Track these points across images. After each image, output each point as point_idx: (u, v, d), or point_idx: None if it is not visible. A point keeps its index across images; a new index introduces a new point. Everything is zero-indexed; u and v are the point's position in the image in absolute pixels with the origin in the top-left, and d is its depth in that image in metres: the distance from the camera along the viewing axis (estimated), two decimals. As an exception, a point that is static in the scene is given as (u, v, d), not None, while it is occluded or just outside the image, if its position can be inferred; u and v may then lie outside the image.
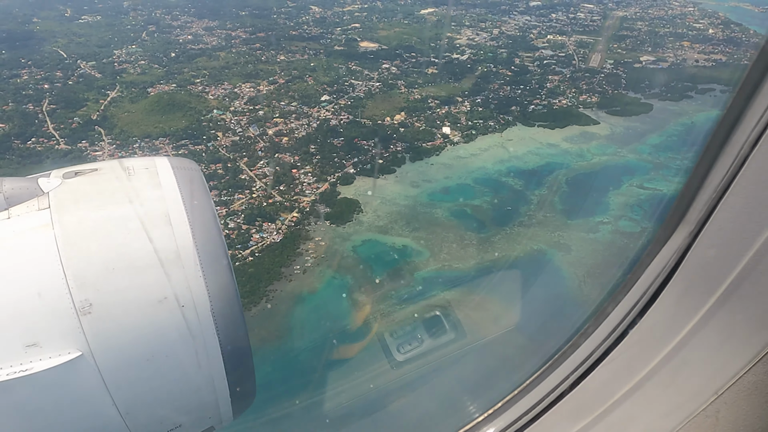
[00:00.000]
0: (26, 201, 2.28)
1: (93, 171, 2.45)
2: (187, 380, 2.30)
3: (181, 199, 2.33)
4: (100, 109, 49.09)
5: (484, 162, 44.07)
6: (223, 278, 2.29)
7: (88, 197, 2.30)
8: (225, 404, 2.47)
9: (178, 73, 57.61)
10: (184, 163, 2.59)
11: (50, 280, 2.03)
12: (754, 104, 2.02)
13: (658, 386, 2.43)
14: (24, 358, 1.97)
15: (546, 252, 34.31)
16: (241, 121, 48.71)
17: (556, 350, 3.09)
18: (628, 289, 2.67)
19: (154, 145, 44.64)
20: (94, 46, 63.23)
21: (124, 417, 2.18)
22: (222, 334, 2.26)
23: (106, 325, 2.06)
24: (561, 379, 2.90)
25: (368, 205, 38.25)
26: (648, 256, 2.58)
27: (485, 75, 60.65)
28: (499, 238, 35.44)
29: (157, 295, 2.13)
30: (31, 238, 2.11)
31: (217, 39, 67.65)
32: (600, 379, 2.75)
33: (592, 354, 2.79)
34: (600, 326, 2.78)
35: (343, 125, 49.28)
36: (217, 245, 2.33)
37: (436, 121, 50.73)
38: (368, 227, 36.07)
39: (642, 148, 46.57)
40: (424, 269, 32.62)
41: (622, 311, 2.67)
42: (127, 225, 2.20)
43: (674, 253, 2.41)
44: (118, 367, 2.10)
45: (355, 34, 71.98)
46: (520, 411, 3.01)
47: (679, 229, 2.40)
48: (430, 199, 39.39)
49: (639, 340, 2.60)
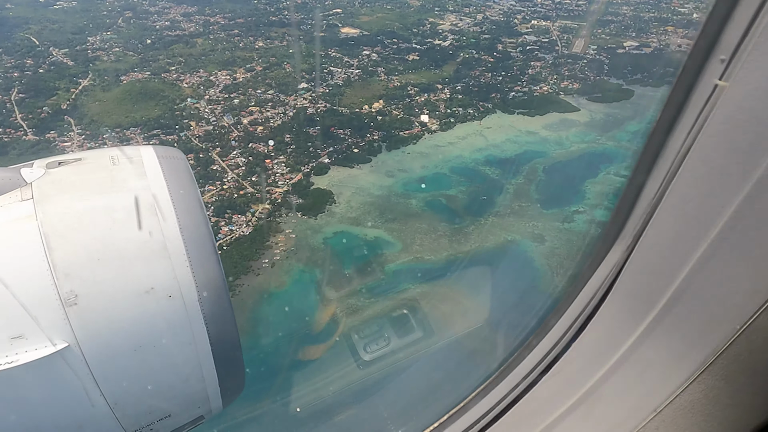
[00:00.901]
0: (8, 192, 2.25)
1: (77, 161, 2.42)
2: (176, 370, 2.28)
3: (167, 188, 2.31)
4: (70, 98, 47.91)
5: (462, 150, 43.50)
6: (210, 268, 2.28)
7: (72, 187, 2.27)
8: (214, 394, 2.45)
9: (153, 61, 56.30)
10: (169, 152, 2.56)
11: (35, 271, 2.01)
12: (685, 113, 2.03)
13: (599, 403, 2.42)
14: (9, 350, 1.95)
15: (519, 243, 33.94)
16: (215, 110, 47.74)
17: (501, 362, 3.08)
18: (569, 303, 2.66)
19: (125, 135, 43.68)
20: (68, 33, 61.58)
21: (112, 407, 2.17)
22: (210, 324, 2.24)
23: (93, 316, 2.04)
24: (506, 392, 2.87)
25: (341, 196, 37.65)
26: (588, 270, 2.57)
27: (467, 61, 59.76)
28: (472, 228, 35.01)
29: (144, 286, 2.11)
30: (14, 229, 2.09)
31: (195, 25, 66.06)
32: (543, 394, 2.73)
33: (536, 367, 2.78)
34: (543, 339, 2.79)
35: (320, 114, 48.44)
36: (204, 235, 2.31)
37: (415, 109, 49.99)
38: (340, 219, 35.53)
39: (621, 135, 46.13)
40: (395, 262, 32.18)
41: (564, 325, 2.67)
42: (112, 215, 2.18)
43: (612, 268, 2.40)
44: (105, 358, 2.08)
45: (336, 19, 70.56)
46: (465, 425, 2.97)
47: (617, 244, 2.39)
48: (405, 189, 38.85)
49: (579, 356, 2.59)
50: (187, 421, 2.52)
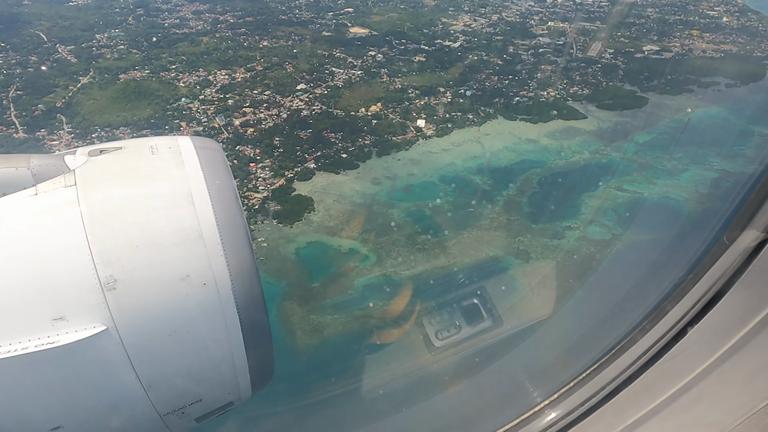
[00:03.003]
0: (53, 178, 2.33)
1: (117, 149, 2.51)
2: (208, 356, 2.33)
3: (203, 178, 2.37)
4: (67, 96, 47.88)
5: (455, 158, 41.56)
6: (243, 257, 2.32)
7: (113, 175, 2.35)
8: (244, 381, 2.49)
9: (156, 59, 56.05)
10: (206, 143, 2.68)
11: (76, 256, 2.08)
12: None
13: (717, 384, 2.45)
14: (51, 331, 2.03)
15: (501, 259, 31.96)
16: (208, 110, 47.03)
17: (614, 344, 3.17)
18: (690, 287, 2.73)
19: (114, 134, 43.28)
20: (77, 30, 61.98)
21: (146, 390, 2.22)
22: (242, 312, 2.29)
23: (130, 301, 2.11)
24: (619, 371, 2.97)
25: (322, 203, 36.28)
26: (712, 257, 2.63)
27: (474, 64, 57.67)
28: (454, 242, 33.14)
29: (180, 273, 2.17)
30: (58, 215, 2.17)
31: (204, 23, 65.79)
32: (658, 374, 2.79)
33: (651, 348, 2.86)
34: (660, 322, 2.88)
35: (315, 116, 47.18)
36: (239, 225, 2.36)
37: (413, 113, 48.20)
38: (317, 228, 34.15)
39: (628, 146, 43.41)
40: (367, 275, 30.64)
41: (683, 309, 2.74)
42: (151, 203, 2.25)
43: (739, 257, 2.46)
44: (141, 342, 2.14)
45: (346, 19, 69.37)
46: (578, 401, 3.12)
47: (745, 233, 2.45)
48: (389, 198, 37.22)
49: (699, 339, 2.65)
50: (217, 407, 2.55)
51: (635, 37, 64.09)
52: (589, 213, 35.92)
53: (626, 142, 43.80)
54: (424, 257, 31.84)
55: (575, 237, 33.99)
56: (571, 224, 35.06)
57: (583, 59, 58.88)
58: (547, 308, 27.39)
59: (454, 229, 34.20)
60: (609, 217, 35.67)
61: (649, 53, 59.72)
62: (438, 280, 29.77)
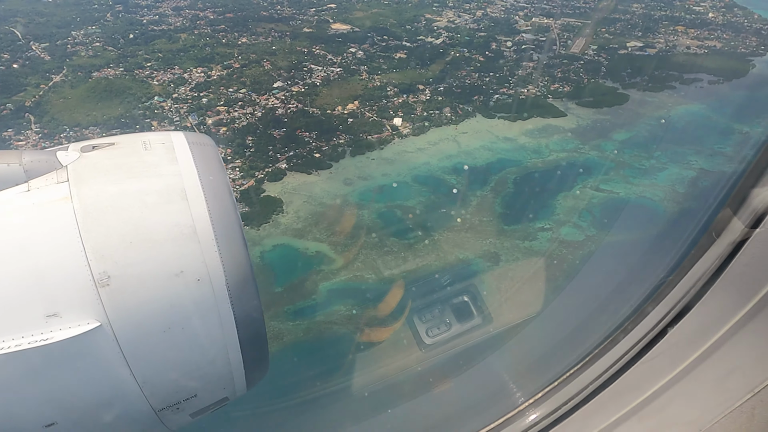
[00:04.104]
0: (45, 174, 2.32)
1: (110, 145, 2.49)
2: (203, 352, 2.33)
3: (197, 174, 2.36)
4: (38, 95, 46.88)
5: (430, 157, 40.77)
6: (237, 253, 2.31)
7: (106, 171, 2.33)
8: (239, 376, 2.50)
9: (131, 56, 55.03)
10: (200, 138, 2.65)
11: (69, 252, 2.07)
12: None
13: (695, 383, 2.51)
14: (44, 327, 2.02)
15: (471, 262, 31.27)
16: (181, 109, 46.13)
17: (595, 345, 3.24)
18: (670, 289, 2.78)
19: (83, 134, 42.30)
20: (53, 27, 60.81)
21: (141, 386, 2.22)
22: (237, 308, 2.29)
23: (124, 297, 2.10)
24: (600, 372, 3.03)
25: (291, 205, 35.48)
26: (691, 259, 2.66)
27: (456, 61, 56.88)
28: (423, 245, 32.40)
29: (174, 269, 2.17)
30: (50, 211, 2.16)
31: (183, 20, 64.74)
32: (639, 374, 2.84)
33: (632, 349, 2.92)
34: (640, 323, 2.92)
35: (290, 115, 46.31)
36: (232, 220, 2.35)
37: (390, 111, 47.35)
38: (284, 230, 33.35)
39: (607, 144, 42.70)
40: (332, 280, 29.90)
41: (663, 310, 2.80)
42: (144, 199, 2.24)
43: (717, 258, 2.50)
44: (135, 338, 2.14)
45: (329, 15, 68.40)
46: (560, 401, 3.16)
47: (724, 235, 2.49)
48: (360, 199, 36.44)
49: (678, 339, 2.70)
50: (212, 402, 2.55)
51: (620, 33, 63.41)
52: (563, 214, 35.25)
53: (605, 140, 43.11)
54: (392, 260, 31.11)
55: (547, 238, 33.30)
56: (544, 225, 34.38)
57: (565, 56, 58.17)
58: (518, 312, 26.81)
59: (424, 231, 33.48)
60: (584, 218, 35.00)
61: (633, 49, 59.05)
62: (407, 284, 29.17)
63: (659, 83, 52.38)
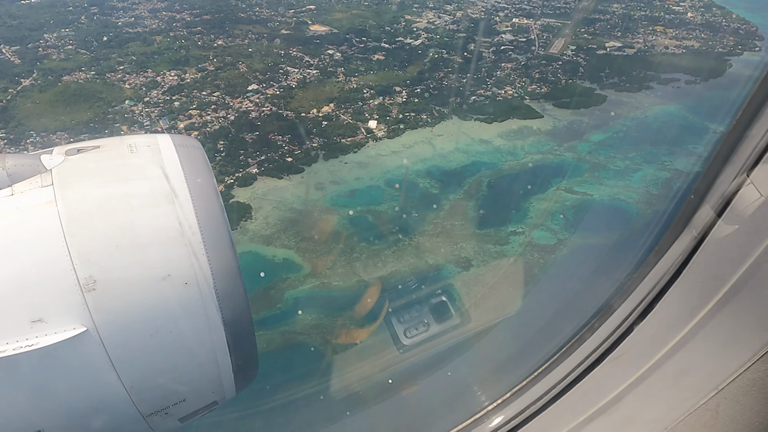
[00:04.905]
0: (29, 178, 2.30)
1: (95, 148, 2.47)
2: (191, 355, 2.32)
3: (183, 176, 2.34)
4: (5, 99, 45.88)
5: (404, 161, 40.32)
6: (225, 256, 2.29)
7: (91, 174, 2.32)
8: (228, 379, 2.48)
9: (104, 59, 54.05)
10: (186, 141, 2.61)
11: (54, 256, 2.05)
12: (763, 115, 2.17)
13: (661, 381, 2.52)
14: (29, 333, 2.00)
15: (441, 267, 30.81)
16: (152, 113, 45.31)
17: (562, 344, 3.24)
18: (634, 287, 2.81)
19: (51, 140, 41.38)
20: (25, 30, 59.63)
21: (128, 391, 2.21)
22: (225, 311, 2.28)
23: (111, 302, 2.08)
24: (567, 372, 3.03)
25: (260, 211, 34.85)
26: (655, 256, 2.70)
27: (434, 62, 56.40)
28: (394, 250, 31.94)
29: (161, 272, 2.15)
30: (34, 215, 2.14)
31: (159, 22, 63.75)
32: (605, 373, 2.87)
33: (598, 348, 2.93)
34: (606, 322, 2.94)
35: (263, 118, 45.63)
36: (220, 223, 2.34)
37: (365, 113, 46.85)
38: (252, 237, 32.73)
39: (582, 146, 42.45)
40: (298, 288, 29.33)
41: (628, 308, 2.82)
42: (130, 202, 2.23)
43: (680, 255, 2.54)
44: (122, 343, 2.12)
45: (307, 16, 67.68)
46: (528, 401, 3.15)
47: (686, 232, 2.55)
48: (332, 204, 35.90)
49: (643, 337, 2.72)
50: (201, 406, 2.52)
51: (599, 34, 63.26)
52: (536, 217, 34.93)
53: (580, 141, 42.89)
54: (361, 267, 30.60)
55: (519, 242, 32.93)
56: (517, 229, 34.03)
57: (544, 56, 57.88)
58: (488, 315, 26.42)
59: (395, 236, 33.02)
60: (556, 221, 34.67)
61: (612, 50, 58.91)
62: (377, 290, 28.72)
63: (636, 84, 52.28)
